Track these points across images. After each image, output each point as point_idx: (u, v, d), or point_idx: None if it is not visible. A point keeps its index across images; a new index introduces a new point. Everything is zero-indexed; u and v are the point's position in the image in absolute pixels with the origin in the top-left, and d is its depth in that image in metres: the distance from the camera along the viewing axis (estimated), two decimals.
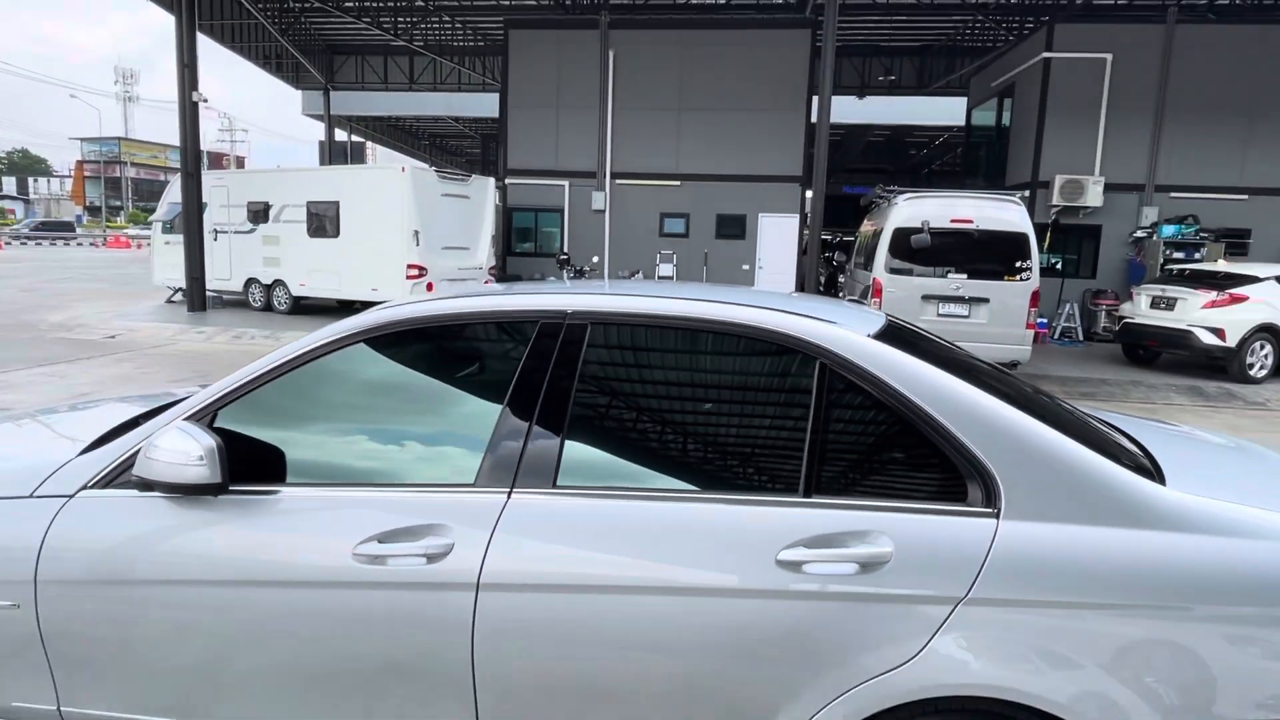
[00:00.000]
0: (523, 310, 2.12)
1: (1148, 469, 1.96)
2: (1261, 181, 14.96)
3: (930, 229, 9.85)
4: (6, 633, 2.11)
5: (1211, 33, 14.79)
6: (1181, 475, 1.97)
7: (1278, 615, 1.71)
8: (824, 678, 1.79)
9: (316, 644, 1.97)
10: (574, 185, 15.99)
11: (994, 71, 17.97)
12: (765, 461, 1.93)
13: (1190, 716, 1.70)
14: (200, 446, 1.94)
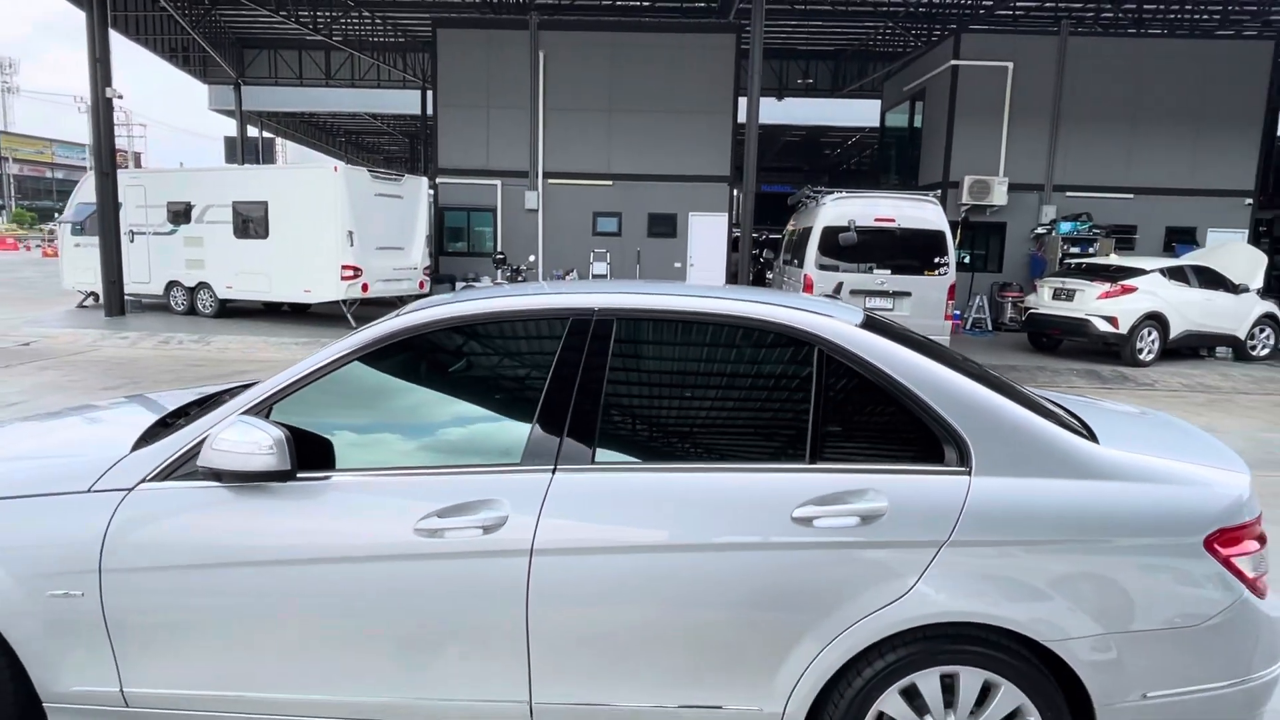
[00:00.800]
0: (555, 308, 2.37)
1: (1084, 431, 2.37)
2: (1145, 182, 16.31)
3: (856, 227, 10.45)
4: (71, 620, 2.23)
5: (1099, 44, 16.03)
6: (1109, 436, 2.38)
7: (1185, 544, 2.13)
8: (833, 615, 2.12)
9: (381, 613, 2.17)
10: (506, 184, 16.07)
11: (906, 76, 18.93)
12: (776, 434, 2.25)
13: (1120, 627, 2.10)
14: (269, 437, 2.12)
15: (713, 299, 2.39)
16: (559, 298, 2.40)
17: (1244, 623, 2.16)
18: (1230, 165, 16.30)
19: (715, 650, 2.16)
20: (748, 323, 2.33)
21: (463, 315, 2.37)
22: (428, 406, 2.34)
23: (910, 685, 2.15)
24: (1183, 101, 16.00)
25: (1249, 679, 2.19)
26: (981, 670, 2.13)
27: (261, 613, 2.20)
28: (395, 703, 2.23)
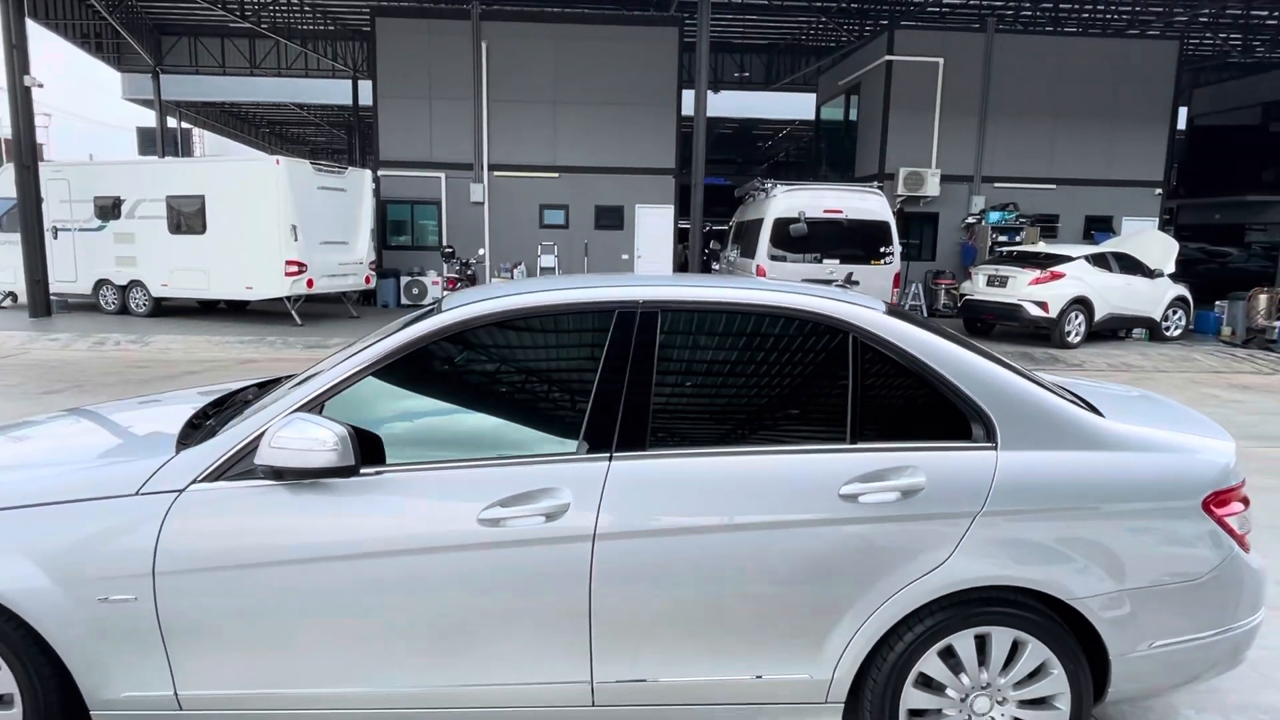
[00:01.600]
0: (601, 301, 2.44)
1: (1092, 407, 2.58)
2: (1066, 173, 17.19)
3: (805, 219, 10.74)
4: (122, 625, 2.20)
5: (1023, 42, 16.78)
6: (1111, 412, 2.60)
7: (1186, 507, 2.36)
8: (877, 585, 2.27)
9: (445, 602, 2.22)
10: (451, 177, 15.85)
11: (841, 71, 19.43)
12: (817, 417, 2.38)
13: (1132, 584, 2.32)
14: (333, 434, 2.14)
15: (750, 290, 2.51)
16: (603, 290, 2.47)
17: (1234, 575, 2.41)
18: (1141, 157, 17.31)
19: (768, 624, 2.28)
20: (785, 312, 2.46)
21: (510, 309, 2.42)
22: (481, 399, 2.38)
23: (947, 646, 2.33)
24: (1099, 97, 16.90)
25: (1237, 626, 2.44)
26: (1011, 629, 2.32)
27: (324, 607, 2.22)
28: (460, 689, 2.28)
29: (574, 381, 2.38)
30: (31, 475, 2.30)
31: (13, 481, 2.27)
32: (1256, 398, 9.45)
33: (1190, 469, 2.40)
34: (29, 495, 2.23)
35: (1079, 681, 2.35)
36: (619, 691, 2.31)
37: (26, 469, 2.35)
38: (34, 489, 2.24)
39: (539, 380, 2.41)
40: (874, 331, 2.43)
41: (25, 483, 2.26)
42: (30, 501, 2.22)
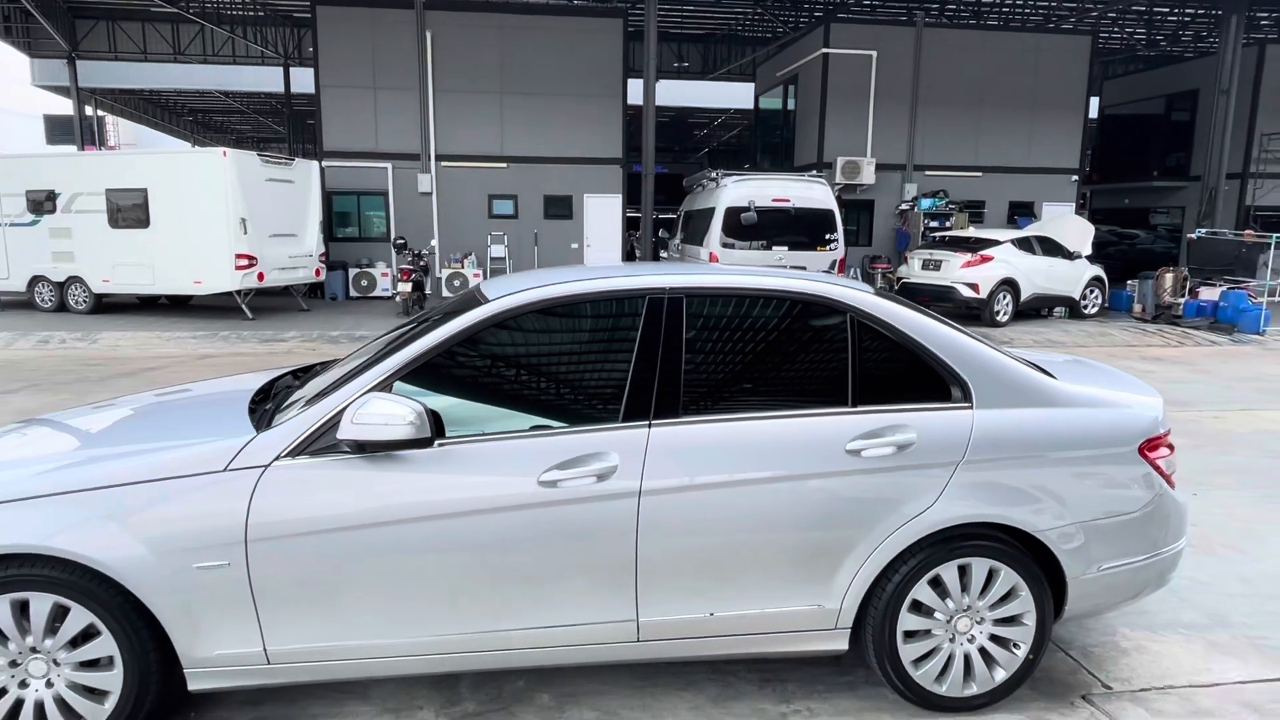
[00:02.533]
0: (633, 289, 2.76)
1: (1045, 371, 3.03)
2: (991, 161, 18.13)
3: (755, 208, 11.20)
4: (217, 589, 2.44)
5: (950, 35, 17.60)
6: (1060, 375, 3.06)
7: (1125, 452, 2.83)
8: (878, 525, 2.67)
9: (510, 555, 2.53)
10: (397, 167, 15.78)
11: (779, 62, 19.98)
12: (823, 384, 2.76)
13: (1084, 518, 2.77)
14: (411, 410, 2.41)
15: (759, 277, 2.87)
16: (634, 279, 2.79)
17: (1163, 508, 2.90)
18: (1059, 146, 18.38)
19: (786, 563, 2.66)
20: (792, 295, 2.83)
21: (553, 297, 2.72)
22: (529, 378, 2.68)
23: (936, 576, 2.75)
24: (1020, 89, 17.87)
25: (1166, 550, 2.94)
26: (988, 560, 2.76)
27: (400, 565, 2.50)
28: (521, 631, 2.59)
29: (612, 359, 2.70)
30: (125, 457, 2.50)
31: (109, 463, 2.47)
32: (1166, 368, 10.35)
33: (1127, 421, 2.88)
34: (127, 475, 2.44)
35: (1042, 602, 2.80)
36: (660, 627, 2.66)
37: (113, 452, 2.55)
38: (131, 469, 2.45)
39: (581, 359, 2.72)
40: (868, 311, 2.83)
41: (121, 464, 2.47)
42: (129, 480, 2.43)
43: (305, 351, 10.43)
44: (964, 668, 2.81)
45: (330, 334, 11.40)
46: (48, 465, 2.51)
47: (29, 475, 2.46)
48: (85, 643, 2.45)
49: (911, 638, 2.78)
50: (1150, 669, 3.15)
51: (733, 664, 3.13)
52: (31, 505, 2.38)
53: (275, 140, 40.86)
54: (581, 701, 2.88)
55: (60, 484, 2.42)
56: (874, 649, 2.76)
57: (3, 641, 2.42)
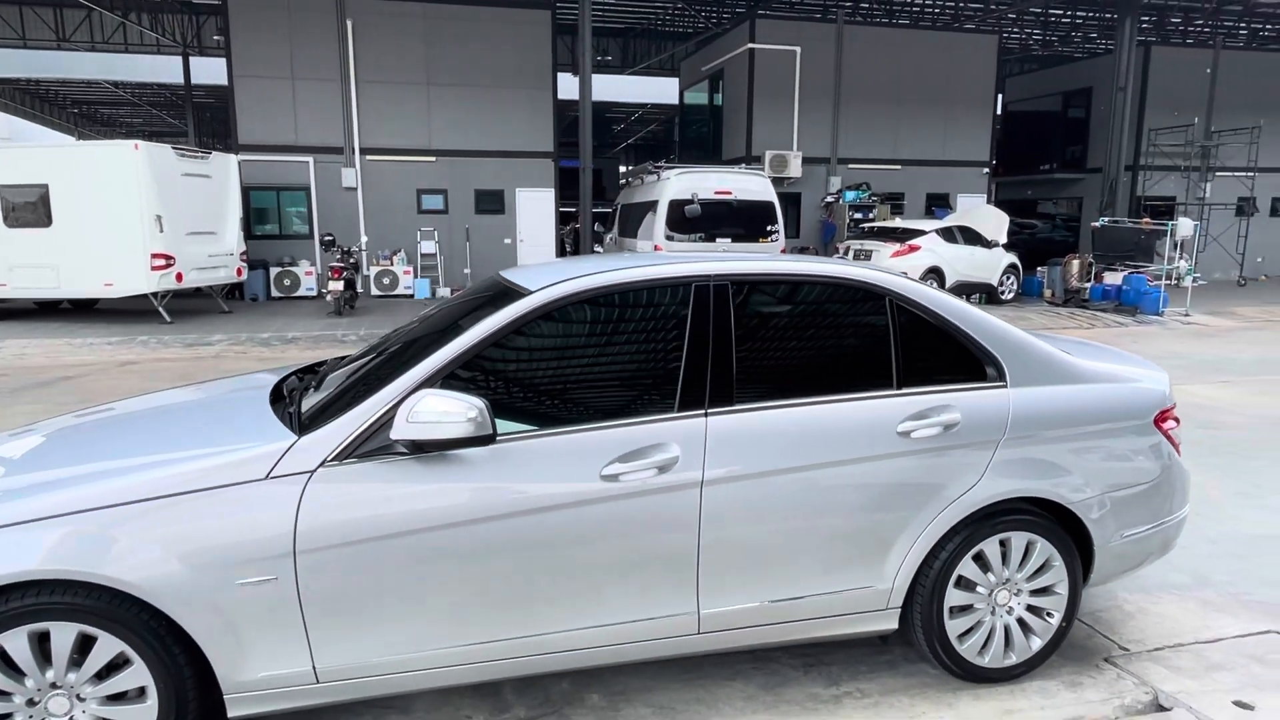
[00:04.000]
0: (677, 276, 2.71)
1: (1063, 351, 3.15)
2: (909, 155, 18.82)
3: (699, 200, 11.27)
4: (262, 606, 2.27)
5: (869, 33, 18.15)
6: (1076, 354, 3.18)
7: (1143, 424, 2.97)
8: (928, 505, 2.72)
9: (572, 552, 2.45)
10: (319, 161, 15.12)
11: (704, 57, 20.15)
12: (869, 368, 2.78)
13: (1109, 487, 2.90)
14: (471, 406, 2.29)
15: (797, 263, 2.87)
16: (677, 267, 2.74)
17: (1171, 477, 3.06)
18: (971, 140, 19.25)
19: (841, 546, 2.68)
20: (834, 281, 2.84)
21: (598, 286, 2.64)
22: (579, 369, 2.60)
23: (979, 551, 2.82)
24: (934, 85, 18.61)
25: (1173, 517, 3.10)
26: (1026, 533, 2.85)
27: (457, 570, 2.38)
28: (581, 632, 2.51)
29: (663, 349, 2.65)
30: (150, 468, 2.29)
31: (133, 476, 2.26)
32: None
33: (1143, 394, 3.02)
34: (156, 488, 2.24)
35: (1074, 570, 2.92)
36: (720, 618, 2.63)
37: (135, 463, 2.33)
38: (160, 481, 2.25)
39: (631, 349, 2.65)
40: (907, 295, 2.87)
41: (148, 476, 2.26)
42: (158, 493, 2.23)
43: (235, 355, 9.89)
44: (1004, 639, 2.90)
45: (260, 336, 10.84)
46: (62, 480, 2.27)
47: (42, 492, 2.22)
48: (112, 674, 2.24)
49: (956, 613, 2.84)
50: (1157, 629, 3.32)
51: (774, 652, 3.13)
52: (49, 525, 2.16)
53: (173, 134, 38.56)
54: (634, 699, 2.82)
55: (80, 500, 2.20)
56: (922, 626, 2.81)
57: (19, 678, 2.19)
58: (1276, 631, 3.29)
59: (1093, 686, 2.91)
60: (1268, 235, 21.79)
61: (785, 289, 2.81)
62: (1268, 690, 2.86)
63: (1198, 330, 12.90)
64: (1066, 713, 2.76)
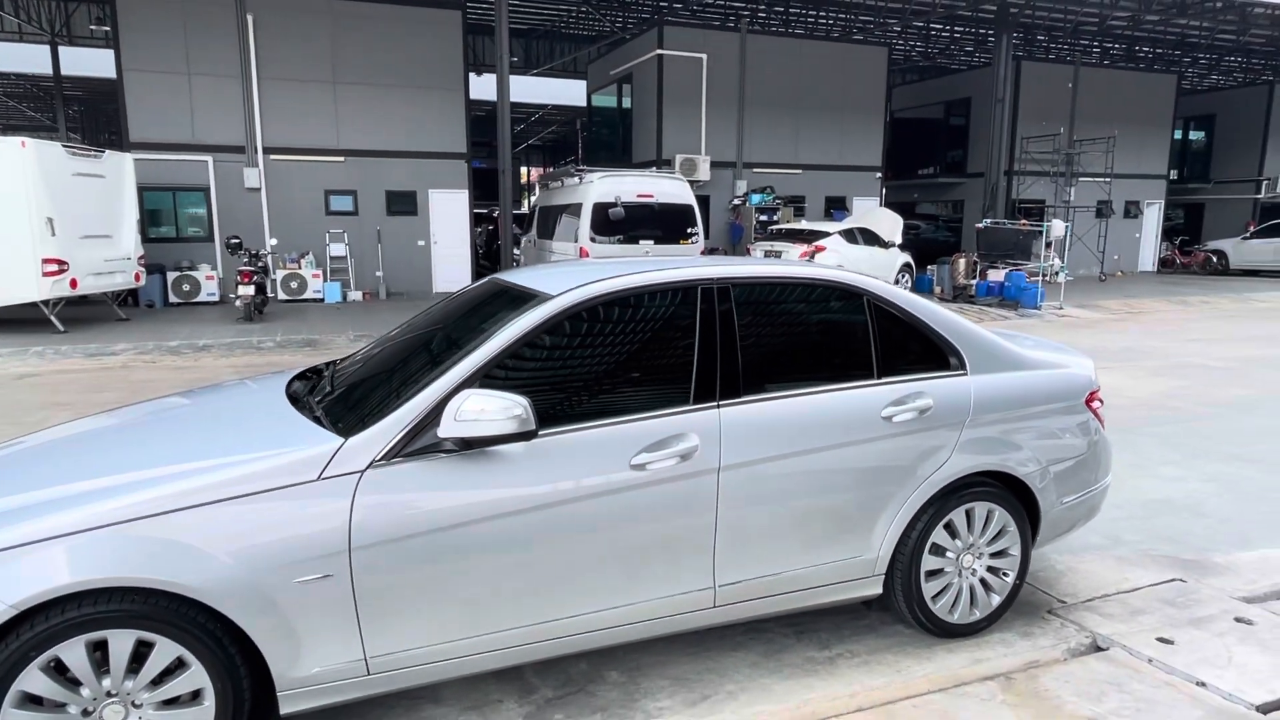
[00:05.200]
0: (686, 279, 2.95)
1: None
2: (809, 159, 19.70)
3: (622, 203, 11.52)
4: (319, 601, 2.36)
5: (770, 42, 18.89)
6: (1018, 344, 3.61)
7: (1076, 404, 3.43)
8: (906, 481, 3.07)
9: (606, 538, 2.65)
10: (219, 161, 14.45)
11: (613, 61, 20.42)
12: (853, 360, 3.10)
13: (1051, 460, 3.33)
14: (516, 404, 2.45)
15: (784, 267, 3.16)
16: (682, 271, 2.97)
17: (1098, 449, 3.54)
18: (865, 146, 20.33)
19: (835, 521, 2.99)
20: (818, 282, 3.15)
21: (617, 289, 2.84)
22: (601, 366, 2.79)
23: (949, 521, 3.19)
24: (831, 93, 19.55)
25: (1099, 485, 3.58)
26: (986, 503, 3.24)
27: (500, 560, 2.54)
28: (609, 612, 2.70)
29: (676, 346, 2.87)
30: (201, 473, 2.33)
31: (183, 481, 2.30)
32: None
33: (1076, 378, 3.48)
34: (210, 493, 2.29)
35: (1025, 535, 3.34)
36: (732, 591, 2.89)
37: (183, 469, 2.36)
38: (212, 486, 2.30)
39: (647, 347, 2.86)
40: (880, 294, 3.21)
41: (199, 481, 2.30)
42: (213, 498, 2.28)
43: (145, 365, 9.41)
44: (970, 598, 3.28)
45: (168, 344, 10.34)
46: (113, 488, 2.28)
47: (93, 500, 2.23)
48: (168, 679, 2.27)
49: (930, 577, 3.20)
50: (1086, 584, 3.81)
51: (766, 622, 3.41)
52: (105, 534, 2.18)
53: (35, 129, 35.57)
54: (650, 673, 3.04)
55: (136, 508, 2.23)
56: (901, 589, 3.16)
57: (74, 688, 2.19)
58: (1181, 579, 3.84)
59: (1042, 635, 3.34)
60: (1122, 235, 24.03)
61: (777, 290, 3.09)
62: (1182, 627, 3.36)
63: (1071, 322, 14.16)
64: (1025, 658, 3.17)
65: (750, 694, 2.91)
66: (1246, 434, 6.57)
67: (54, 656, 2.15)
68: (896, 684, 2.98)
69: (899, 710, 2.79)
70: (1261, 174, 25.55)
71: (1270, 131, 25.22)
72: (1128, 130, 23.31)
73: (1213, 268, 24.05)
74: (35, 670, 2.13)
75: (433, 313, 3.47)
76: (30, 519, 2.18)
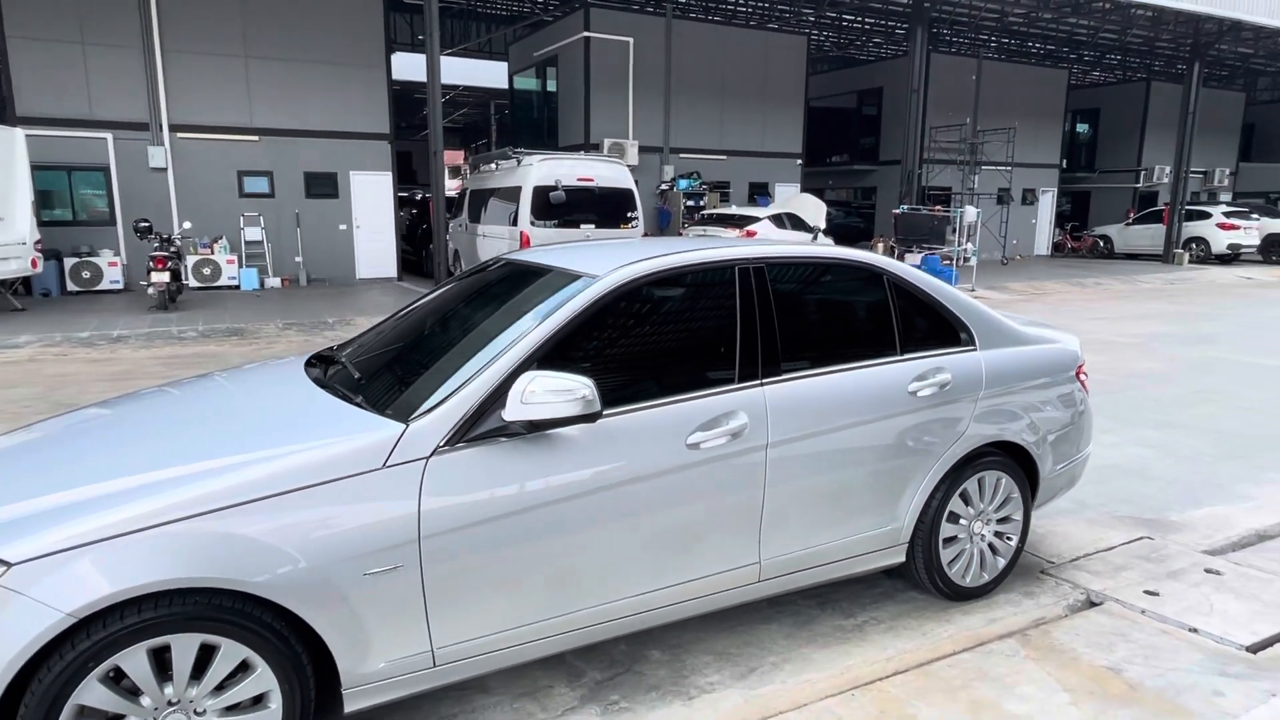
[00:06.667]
0: (723, 260, 2.97)
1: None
2: (734, 146, 19.97)
3: (563, 186, 11.40)
4: (389, 593, 2.28)
5: (695, 28, 19.00)
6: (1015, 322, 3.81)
7: (1068, 376, 3.65)
8: (930, 453, 3.20)
9: (661, 519, 2.66)
10: (121, 138, 13.43)
11: (536, 42, 20.08)
12: (880, 337, 3.20)
13: (1048, 429, 3.54)
14: (582, 385, 2.41)
15: (811, 248, 3.23)
16: (717, 251, 2.99)
17: (1084, 420, 3.78)
18: (786, 133, 20.76)
19: (870, 492, 3.09)
20: (841, 262, 3.23)
21: (661, 269, 2.83)
22: (659, 346, 2.78)
23: (964, 490, 3.35)
24: (754, 81, 19.86)
25: (1083, 454, 3.83)
26: (996, 472, 3.42)
27: (567, 541, 2.51)
28: (662, 591, 2.72)
29: (719, 325, 2.89)
30: (255, 464, 2.20)
31: (239, 473, 2.17)
32: None
33: (1067, 352, 3.70)
34: (273, 484, 2.17)
35: (1027, 500, 3.54)
36: (775, 565, 2.95)
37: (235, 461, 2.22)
38: (274, 478, 2.18)
39: (694, 326, 2.87)
40: (898, 274, 3.32)
41: (256, 472, 2.18)
42: (277, 490, 2.17)
43: (54, 358, 8.73)
44: (980, 562, 3.46)
45: (78, 335, 9.60)
46: (163, 482, 2.13)
47: (147, 496, 2.08)
48: (232, 683, 2.15)
49: (947, 544, 3.35)
50: (1067, 545, 4.07)
51: (789, 596, 3.50)
52: (168, 532, 2.04)
53: None
54: (692, 649, 3.07)
55: (194, 502, 2.09)
56: (922, 556, 3.30)
57: (133, 699, 2.05)
58: (1149, 537, 4.15)
59: (1042, 594, 3.55)
60: (1021, 220, 25.46)
61: (805, 270, 3.16)
62: (1162, 580, 3.64)
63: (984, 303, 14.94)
64: (1032, 615, 3.37)
65: (794, 664, 2.98)
66: (1165, 403, 7.12)
67: (114, 666, 2.00)
68: (926, 646, 3.11)
69: (936, 670, 2.92)
70: (1140, 164, 27.55)
71: (1148, 125, 27.21)
72: (1025, 122, 24.66)
73: (1100, 251, 25.82)
74: (94, 681, 1.98)
75: (443, 295, 3.37)
76: (82, 516, 2.02)
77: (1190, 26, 21.35)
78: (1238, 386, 7.84)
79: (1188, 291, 16.99)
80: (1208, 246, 23.39)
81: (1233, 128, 29.61)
